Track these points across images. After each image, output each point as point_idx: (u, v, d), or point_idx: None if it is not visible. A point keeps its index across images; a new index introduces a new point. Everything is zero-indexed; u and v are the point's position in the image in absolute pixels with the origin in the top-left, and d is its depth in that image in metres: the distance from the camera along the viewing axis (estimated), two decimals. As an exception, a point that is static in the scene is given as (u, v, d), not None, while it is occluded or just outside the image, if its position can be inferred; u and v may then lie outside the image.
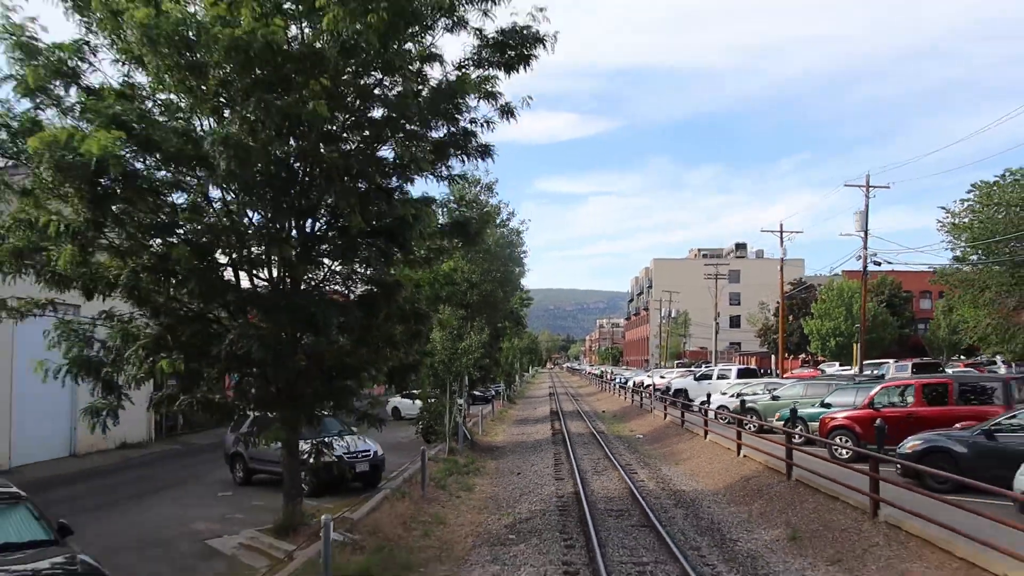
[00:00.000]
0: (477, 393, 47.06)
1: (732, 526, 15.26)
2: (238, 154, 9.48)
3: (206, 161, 10.05)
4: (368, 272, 13.15)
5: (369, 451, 19.05)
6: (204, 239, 11.48)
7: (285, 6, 11.48)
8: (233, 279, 12.61)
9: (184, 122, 10.94)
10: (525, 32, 13.22)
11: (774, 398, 28.22)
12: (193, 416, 13.57)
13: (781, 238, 57.28)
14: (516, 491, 20.30)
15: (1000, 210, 41.39)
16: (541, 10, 12.96)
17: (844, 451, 19.28)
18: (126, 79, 12.14)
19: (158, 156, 10.41)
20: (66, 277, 10.96)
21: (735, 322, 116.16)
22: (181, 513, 16.22)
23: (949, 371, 37.72)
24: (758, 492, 17.42)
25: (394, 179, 12.96)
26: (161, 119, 11.29)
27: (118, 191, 9.67)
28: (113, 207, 9.98)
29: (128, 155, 9.80)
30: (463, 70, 13.41)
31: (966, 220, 43.73)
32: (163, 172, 11.16)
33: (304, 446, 14.79)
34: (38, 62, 10.27)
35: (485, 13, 12.95)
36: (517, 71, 13.64)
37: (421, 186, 15.14)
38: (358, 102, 12.31)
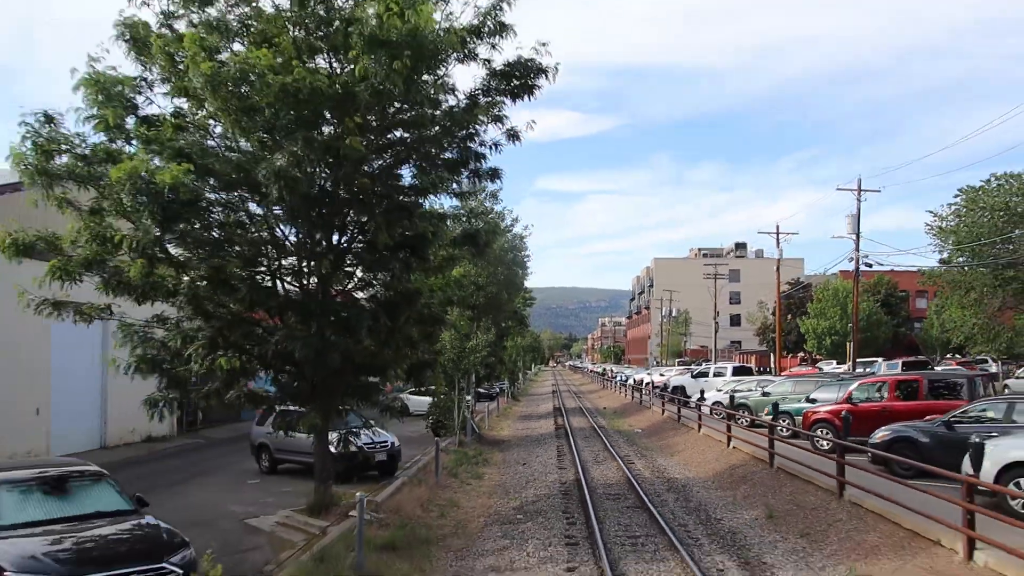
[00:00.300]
0: (482, 391, 48.58)
1: (717, 507, 16.92)
2: (288, 184, 11.15)
3: (258, 188, 11.71)
4: (388, 280, 14.77)
5: (387, 442, 20.69)
6: (248, 251, 13.16)
7: (317, 46, 13.19)
8: (270, 286, 14.30)
9: (235, 151, 12.60)
10: (529, 64, 14.82)
11: (764, 394, 29.81)
12: (240, 407, 15.06)
13: (777, 239, 58.92)
14: (522, 479, 21.99)
15: (985, 214, 42.91)
16: (544, 44, 14.61)
17: (824, 442, 20.90)
18: (178, 109, 13.85)
19: (214, 182, 12.07)
20: (132, 285, 12.59)
21: (735, 320, 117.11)
22: (217, 498, 17.80)
23: (938, 369, 39.43)
24: (743, 479, 19.07)
25: (413, 197, 14.62)
26: (210, 144, 13.02)
27: (182, 212, 11.30)
28: (177, 226, 11.60)
29: (191, 182, 11.46)
30: (474, 99, 15.02)
31: (953, 224, 45.29)
32: (213, 194, 12.83)
33: (332, 435, 16.44)
34: (116, 104, 11.93)
35: (493, 46, 14.57)
36: (522, 99, 15.21)
37: (432, 198, 16.92)
38: (380, 126, 13.97)
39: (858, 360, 48.07)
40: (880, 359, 47.15)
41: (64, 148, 12.34)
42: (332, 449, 16.88)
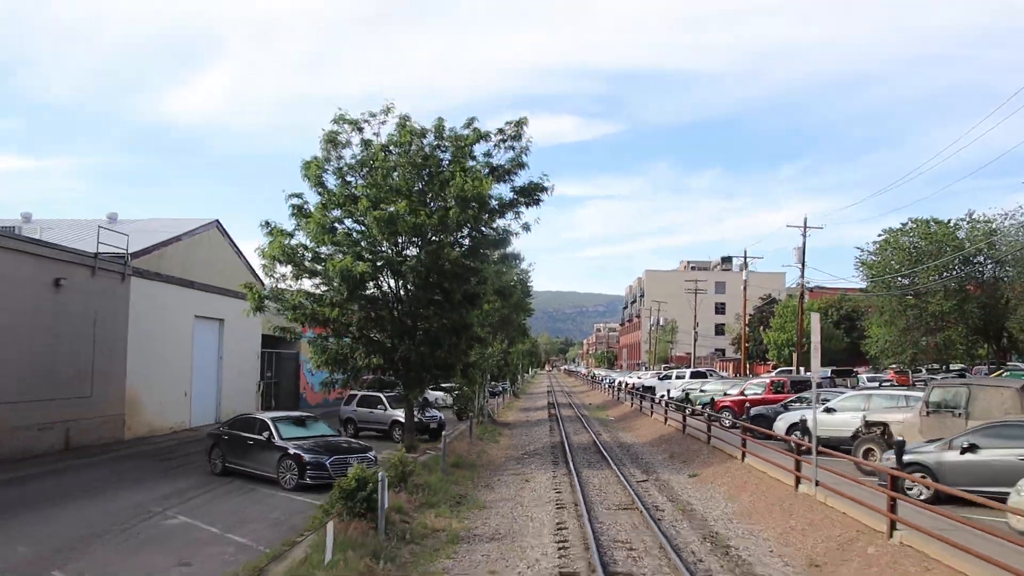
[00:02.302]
0: (489, 388, 59.40)
1: (645, 454, 27.99)
2: (417, 272, 22.28)
3: (400, 273, 22.81)
4: (456, 317, 25.61)
5: (436, 416, 31.70)
6: (383, 301, 24.27)
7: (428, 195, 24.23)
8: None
9: (382, 248, 23.58)
10: (536, 184, 25.76)
11: (702, 391, 40.79)
12: (373, 387, 26.11)
13: (745, 262, 70.84)
14: (526, 441, 33.23)
15: (896, 252, 53.66)
16: (545, 175, 25.59)
17: (727, 420, 31.81)
18: (338, 220, 24.75)
19: (372, 269, 23.14)
20: (320, 320, 23.57)
21: (720, 330, 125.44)
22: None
23: (863, 376, 50.83)
24: (666, 440, 30.11)
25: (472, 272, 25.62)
26: (363, 242, 24.01)
27: (361, 285, 22.30)
28: (358, 292, 22.59)
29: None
30: (503, 202, 25.93)
31: (874, 259, 56.05)
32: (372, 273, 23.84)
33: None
34: (325, 230, 22.95)
35: (516, 174, 25.57)
36: (531, 207, 26.10)
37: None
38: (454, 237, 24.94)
39: (801, 367, 59.25)
40: (802, 368, 58.31)
41: (292, 252, 23.30)
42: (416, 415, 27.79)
